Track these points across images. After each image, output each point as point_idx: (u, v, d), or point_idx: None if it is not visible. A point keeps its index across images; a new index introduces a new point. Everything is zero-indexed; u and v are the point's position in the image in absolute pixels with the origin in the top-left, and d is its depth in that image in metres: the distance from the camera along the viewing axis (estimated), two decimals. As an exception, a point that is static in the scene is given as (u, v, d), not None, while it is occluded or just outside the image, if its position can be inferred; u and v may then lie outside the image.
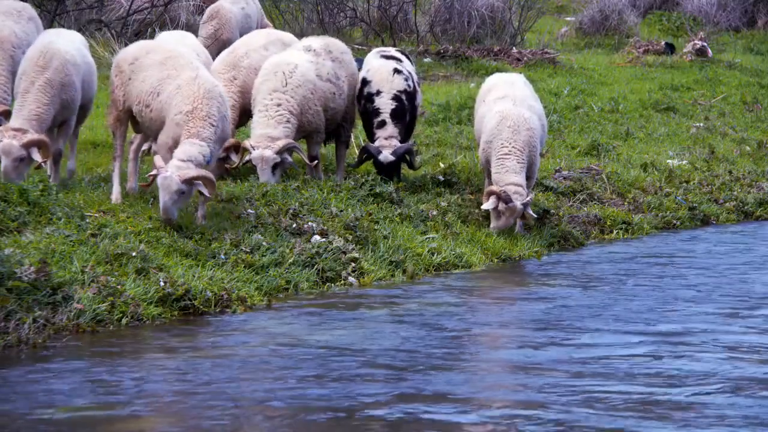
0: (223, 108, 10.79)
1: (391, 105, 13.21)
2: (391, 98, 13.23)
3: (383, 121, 13.18)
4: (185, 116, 10.57)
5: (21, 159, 10.81)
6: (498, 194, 12.02)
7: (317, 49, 13.02)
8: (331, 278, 10.50)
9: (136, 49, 11.42)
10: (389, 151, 13.01)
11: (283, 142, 12.17)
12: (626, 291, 10.61)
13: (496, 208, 12.06)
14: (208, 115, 10.57)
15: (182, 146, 10.46)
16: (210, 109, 10.60)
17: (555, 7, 32.32)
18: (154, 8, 20.91)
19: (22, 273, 8.54)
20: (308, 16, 24.74)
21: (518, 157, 12.23)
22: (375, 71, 13.46)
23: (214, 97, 10.69)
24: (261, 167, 12.16)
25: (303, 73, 12.64)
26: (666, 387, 7.57)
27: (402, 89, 13.34)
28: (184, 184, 10.19)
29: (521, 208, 12.09)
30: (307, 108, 12.57)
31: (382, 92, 13.27)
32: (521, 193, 12.11)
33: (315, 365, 7.94)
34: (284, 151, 12.19)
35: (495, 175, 12.22)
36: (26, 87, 11.16)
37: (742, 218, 14.68)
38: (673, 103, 20.52)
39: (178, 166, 10.26)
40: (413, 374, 7.78)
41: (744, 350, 8.52)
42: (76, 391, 7.30)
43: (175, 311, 9.19)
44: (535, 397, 7.32)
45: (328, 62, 12.98)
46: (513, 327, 9.46)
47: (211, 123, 10.57)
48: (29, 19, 13.07)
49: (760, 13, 31.22)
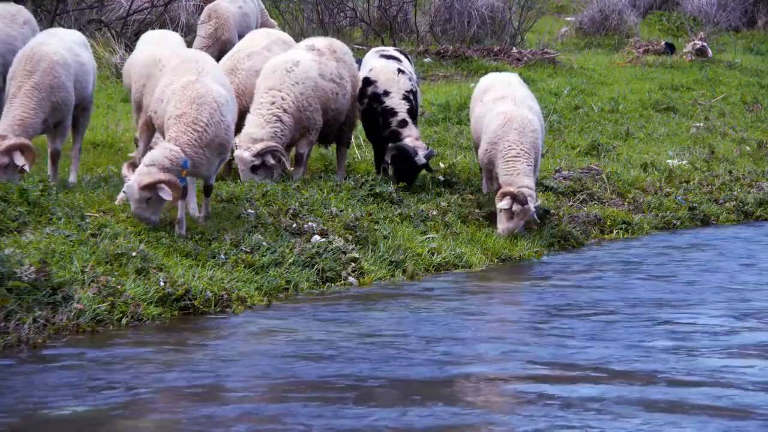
0: (218, 114, 10.35)
1: (405, 105, 13.22)
2: (401, 98, 13.23)
3: (404, 120, 13.15)
4: (174, 120, 10.30)
5: (5, 165, 10.74)
6: (515, 195, 11.98)
7: (321, 48, 12.98)
8: (331, 278, 10.50)
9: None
10: (423, 153, 13.01)
11: (261, 145, 12.02)
12: (627, 291, 10.62)
13: (510, 209, 12.03)
14: (195, 121, 10.22)
15: (152, 150, 10.30)
16: (199, 114, 10.25)
17: (555, 7, 32.32)
18: (154, 8, 20.90)
19: (22, 273, 8.55)
20: (308, 16, 24.74)
21: (527, 159, 12.22)
22: (379, 71, 13.44)
23: (206, 103, 10.30)
24: (240, 168, 12.14)
25: (305, 70, 12.59)
26: (667, 386, 7.57)
27: (408, 89, 13.35)
28: (147, 191, 9.97)
29: (533, 212, 12.09)
30: (306, 105, 12.49)
31: (391, 92, 13.25)
32: (533, 197, 12.11)
33: (315, 365, 7.94)
34: (263, 154, 12.08)
35: (505, 177, 12.17)
36: (14, 92, 11.09)
37: (742, 218, 14.67)
38: (673, 103, 20.52)
39: (139, 171, 10.02)
40: (414, 373, 7.79)
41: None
42: (76, 391, 7.30)
43: (175, 311, 9.19)
44: (536, 397, 7.33)
45: (332, 62, 12.93)
46: (513, 327, 9.46)
47: (194, 129, 10.21)
48: (24, 22, 13.05)
49: (760, 13, 31.23)
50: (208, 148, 10.35)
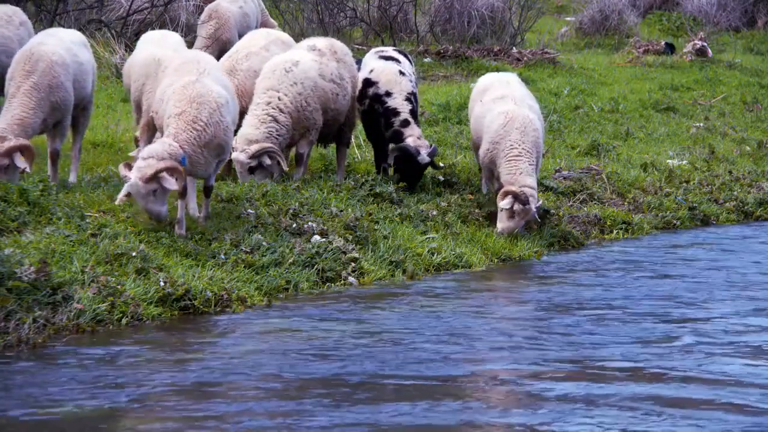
0: (218, 115, 10.34)
1: (408, 105, 13.22)
2: (404, 99, 13.23)
3: (406, 120, 13.15)
4: (174, 119, 10.28)
5: (5, 167, 10.75)
6: (516, 194, 11.97)
7: (322, 48, 12.97)
8: (331, 278, 10.50)
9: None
10: (426, 152, 13.00)
11: (256, 147, 12.00)
12: (628, 289, 10.62)
13: (511, 209, 12.03)
14: (195, 120, 10.22)
15: (150, 145, 10.28)
16: (198, 113, 10.24)
17: (555, 7, 32.32)
18: (154, 8, 20.90)
19: (22, 273, 8.55)
20: (308, 16, 24.73)
21: (529, 158, 12.22)
22: (380, 72, 13.42)
23: (206, 102, 10.31)
24: (238, 170, 12.14)
25: (304, 69, 12.58)
26: (677, 383, 7.58)
27: (410, 91, 13.35)
28: (151, 183, 9.93)
29: (534, 212, 12.09)
30: (305, 105, 12.47)
31: (393, 93, 13.24)
32: (535, 197, 12.11)
33: (318, 363, 7.94)
34: (259, 155, 12.06)
35: (507, 176, 12.16)
36: (13, 92, 11.09)
37: (742, 218, 14.67)
38: (673, 103, 20.52)
39: (138, 167, 9.96)
40: (421, 371, 7.79)
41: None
42: (76, 391, 7.30)
43: (175, 311, 9.19)
44: (534, 397, 7.33)
45: (333, 63, 12.92)
46: (512, 327, 9.46)
47: (194, 128, 10.21)
48: (20, 24, 13.06)
49: (760, 13, 31.23)
50: (207, 148, 10.33)
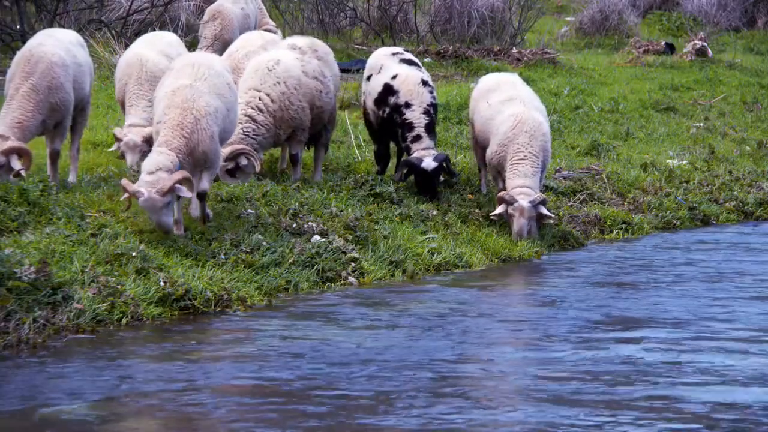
0: (204, 122, 10.24)
1: (425, 120, 13.02)
2: (422, 112, 13.04)
3: (418, 135, 12.97)
4: (162, 125, 10.24)
5: (0, 165, 10.74)
6: (502, 198, 12.06)
7: (303, 47, 12.92)
8: (331, 278, 10.50)
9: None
10: (431, 158, 12.90)
11: (229, 150, 11.88)
12: (628, 290, 10.62)
13: (502, 214, 12.08)
14: (181, 126, 10.18)
15: (150, 156, 10.17)
16: (183, 119, 10.19)
17: (555, 7, 32.31)
18: (154, 8, 20.91)
19: (22, 273, 8.55)
20: (308, 16, 24.74)
21: (533, 162, 12.24)
22: (403, 81, 13.19)
23: (191, 109, 10.23)
24: (219, 174, 12.06)
25: (287, 68, 12.48)
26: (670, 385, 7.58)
27: (430, 103, 13.14)
28: (167, 196, 9.91)
29: (529, 206, 12.07)
30: (288, 104, 12.37)
31: (413, 105, 13.06)
32: (527, 193, 12.10)
33: (315, 365, 7.95)
34: (234, 157, 12.01)
35: (507, 180, 12.23)
36: (12, 93, 11.08)
37: (742, 218, 14.67)
38: (673, 103, 20.51)
39: (149, 182, 9.90)
40: (414, 375, 7.79)
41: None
42: (76, 391, 7.30)
43: (175, 311, 9.20)
44: (534, 397, 7.33)
45: (314, 60, 12.85)
46: (513, 327, 9.46)
47: (183, 135, 10.17)
48: None
49: (760, 13, 31.22)
50: (192, 156, 10.27)
